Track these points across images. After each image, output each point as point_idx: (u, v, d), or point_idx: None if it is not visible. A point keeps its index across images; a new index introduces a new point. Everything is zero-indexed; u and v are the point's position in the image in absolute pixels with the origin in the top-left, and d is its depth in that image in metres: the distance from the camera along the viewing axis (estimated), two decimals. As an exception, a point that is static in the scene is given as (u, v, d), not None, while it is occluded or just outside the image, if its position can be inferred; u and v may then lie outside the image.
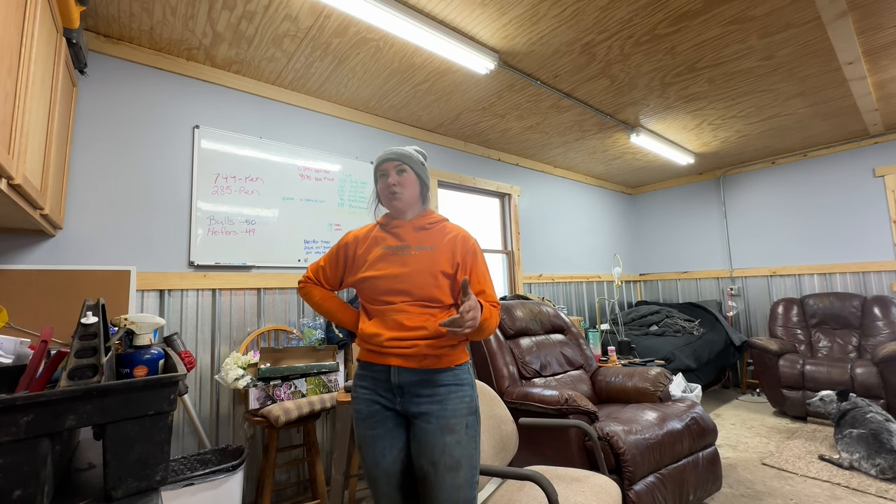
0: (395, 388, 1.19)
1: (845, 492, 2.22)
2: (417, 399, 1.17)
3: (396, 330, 1.20)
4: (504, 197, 3.96)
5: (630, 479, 1.76)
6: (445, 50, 2.10)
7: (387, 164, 1.31)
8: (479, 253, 1.31)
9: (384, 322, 1.22)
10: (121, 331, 1.05)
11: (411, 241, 1.29)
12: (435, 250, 1.26)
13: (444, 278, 1.23)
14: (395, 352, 1.18)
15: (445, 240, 1.28)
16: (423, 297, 1.21)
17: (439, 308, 1.23)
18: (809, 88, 2.82)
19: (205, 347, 2.18)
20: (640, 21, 2.05)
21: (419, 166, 1.33)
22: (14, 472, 0.63)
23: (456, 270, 1.26)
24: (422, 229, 1.31)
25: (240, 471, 1.76)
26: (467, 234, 1.31)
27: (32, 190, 1.25)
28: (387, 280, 1.23)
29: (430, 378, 1.18)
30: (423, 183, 1.36)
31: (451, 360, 1.20)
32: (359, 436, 1.22)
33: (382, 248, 1.29)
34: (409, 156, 1.31)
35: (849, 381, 3.11)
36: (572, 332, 2.84)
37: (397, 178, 1.29)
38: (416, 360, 1.18)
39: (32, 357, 0.89)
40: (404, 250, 1.27)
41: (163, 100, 2.17)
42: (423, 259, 1.24)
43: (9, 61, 1.04)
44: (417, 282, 1.22)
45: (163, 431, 0.76)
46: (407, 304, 1.21)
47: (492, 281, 1.32)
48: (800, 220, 4.19)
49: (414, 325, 1.19)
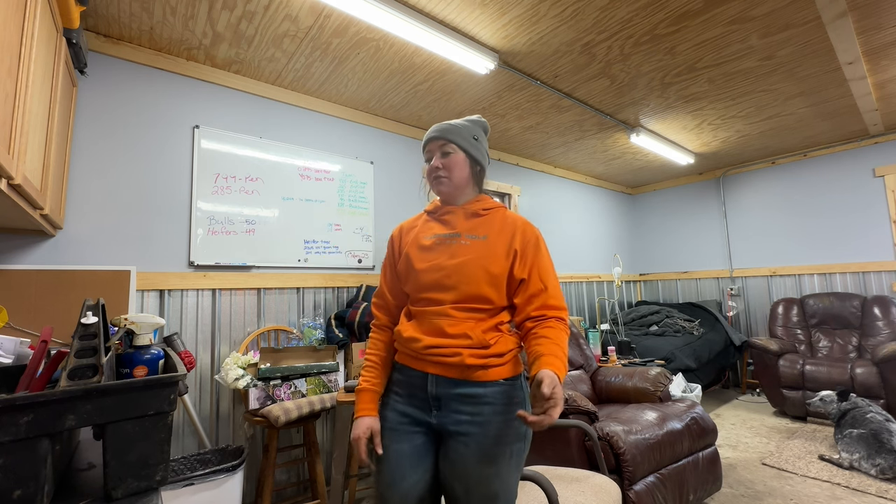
0: (432, 399, 1.03)
1: (845, 492, 2.22)
2: (457, 415, 1.00)
3: (436, 336, 1.03)
4: (504, 197, 3.96)
5: (630, 479, 1.76)
6: (445, 50, 2.10)
7: (431, 145, 1.14)
8: (543, 245, 1.11)
9: (423, 326, 1.06)
10: (121, 331, 1.05)
11: (462, 228, 1.11)
12: (489, 239, 1.07)
13: (499, 272, 1.04)
14: (433, 359, 1.02)
15: (502, 227, 1.10)
16: (472, 296, 1.04)
17: (489, 311, 1.05)
18: (809, 88, 2.82)
19: (205, 347, 2.17)
20: (640, 21, 2.05)
21: (470, 143, 1.13)
22: (14, 472, 0.63)
23: (513, 262, 1.06)
24: (475, 216, 1.13)
25: (240, 471, 1.76)
26: (529, 223, 1.13)
27: (32, 190, 1.25)
28: (431, 273, 1.07)
29: (474, 393, 1.00)
30: (475, 162, 1.15)
31: (500, 373, 1.02)
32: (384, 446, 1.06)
33: (429, 237, 1.13)
34: (455, 131, 1.12)
35: (849, 381, 3.11)
36: (572, 332, 2.84)
37: (441, 160, 1.12)
38: (457, 370, 1.01)
39: (32, 357, 0.89)
40: (454, 239, 1.10)
41: (163, 100, 2.17)
42: (474, 249, 1.06)
43: (9, 61, 1.04)
44: (467, 275, 1.03)
45: (163, 431, 0.76)
46: (452, 305, 1.04)
47: (557, 281, 1.10)
48: (800, 220, 4.19)
49: (457, 333, 1.02)
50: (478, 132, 1.16)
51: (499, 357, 1.02)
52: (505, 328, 1.06)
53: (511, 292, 1.07)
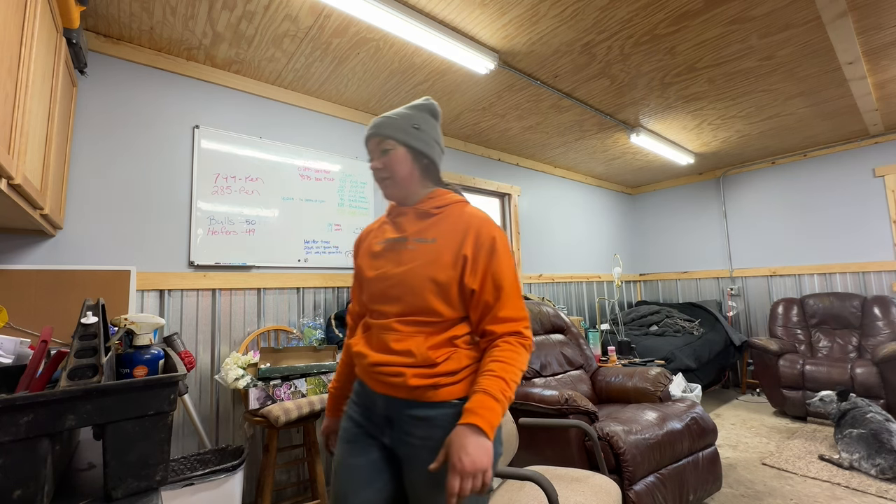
0: (384, 420, 0.95)
1: (845, 492, 2.22)
2: (408, 438, 0.91)
3: (382, 353, 0.94)
4: (504, 197, 3.96)
5: (630, 479, 1.76)
6: (445, 50, 2.10)
7: (369, 144, 1.02)
8: (502, 247, 0.94)
9: (371, 341, 0.98)
10: (121, 331, 1.05)
11: (411, 231, 1.00)
12: (438, 243, 0.95)
13: (446, 281, 0.92)
14: (379, 378, 0.94)
15: (454, 229, 0.96)
16: (418, 308, 0.92)
17: (439, 324, 0.93)
18: (809, 88, 2.82)
19: (205, 347, 2.17)
20: (640, 21, 2.05)
21: (410, 134, 0.99)
22: (14, 472, 0.63)
23: (463, 270, 0.93)
24: (426, 216, 1.00)
25: (240, 471, 1.76)
26: (486, 221, 0.96)
27: (32, 190, 1.25)
28: (378, 283, 0.98)
29: (425, 416, 0.90)
30: (419, 155, 1.00)
31: (453, 393, 0.91)
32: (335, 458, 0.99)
33: (380, 241, 1.04)
34: (391, 124, 0.99)
35: (849, 381, 3.11)
36: (572, 332, 2.84)
37: (381, 159, 1.00)
38: (405, 391, 0.91)
39: (32, 357, 0.89)
40: (401, 244, 0.99)
41: (163, 100, 2.17)
42: (420, 255, 0.95)
43: (9, 61, 1.04)
44: (411, 285, 0.92)
45: (163, 431, 0.76)
46: (397, 319, 0.94)
47: (517, 288, 0.94)
48: (800, 221, 4.19)
49: (401, 349, 0.91)
50: (420, 119, 1.01)
51: (450, 375, 0.91)
52: (461, 342, 0.94)
53: (466, 303, 0.95)
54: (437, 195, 1.02)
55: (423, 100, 1.06)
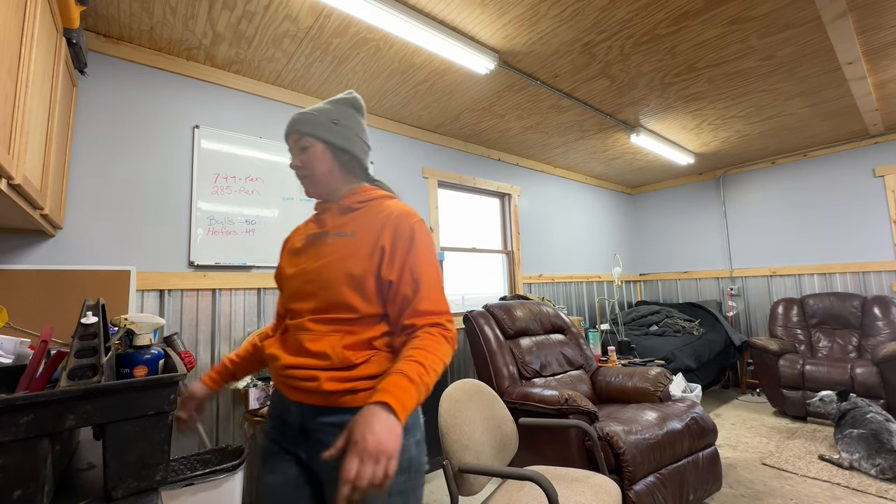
0: (299, 431, 0.89)
1: (845, 492, 2.22)
2: (325, 449, 0.85)
3: (296, 354, 0.89)
4: (504, 197, 3.96)
5: (630, 479, 1.76)
6: (445, 50, 2.10)
7: (288, 141, 0.99)
8: (422, 238, 0.91)
9: (286, 342, 0.92)
10: (121, 331, 1.05)
11: (331, 226, 0.97)
12: (357, 236, 0.92)
13: (361, 273, 0.88)
14: (292, 383, 0.87)
15: (373, 221, 0.93)
16: (333, 303, 0.88)
17: (356, 322, 0.88)
18: (809, 88, 2.82)
19: (205, 347, 2.17)
20: (640, 21, 2.05)
21: (329, 129, 0.96)
22: (14, 472, 0.63)
23: (380, 262, 0.89)
24: (348, 210, 0.98)
25: (240, 471, 1.76)
26: (406, 213, 0.93)
27: (32, 190, 1.25)
28: (296, 280, 0.94)
29: (342, 422, 0.84)
30: (339, 150, 0.98)
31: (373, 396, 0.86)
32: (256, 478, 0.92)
33: (302, 238, 1.01)
34: (308, 120, 0.96)
35: (849, 381, 3.11)
36: (572, 332, 2.84)
37: (299, 157, 0.97)
38: (319, 397, 0.85)
39: (32, 357, 0.89)
40: (321, 239, 0.96)
41: (163, 100, 2.17)
42: (338, 249, 0.91)
43: (9, 61, 1.04)
44: (326, 279, 0.89)
45: (163, 431, 0.76)
46: (311, 317, 0.89)
47: (438, 281, 0.91)
48: (800, 220, 4.19)
49: (316, 350, 0.86)
50: (340, 114, 0.99)
51: (369, 380, 0.85)
52: (381, 344, 0.89)
53: (384, 295, 0.91)
54: (360, 191, 0.99)
55: (346, 94, 1.03)
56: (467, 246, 3.59)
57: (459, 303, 3.49)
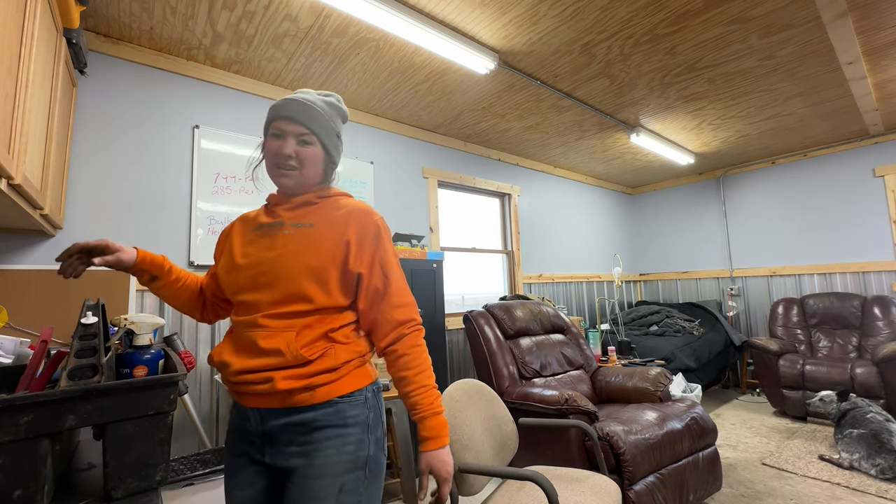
0: (262, 437, 0.86)
1: (845, 492, 2.22)
2: (288, 448, 0.83)
3: (247, 356, 0.84)
4: (504, 197, 3.96)
5: (630, 479, 1.76)
6: (445, 50, 2.10)
7: (286, 124, 0.92)
8: (385, 237, 0.93)
9: (236, 343, 0.87)
10: (121, 331, 1.05)
11: (288, 217, 0.94)
12: (316, 227, 0.90)
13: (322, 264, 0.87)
14: (248, 389, 0.83)
15: (334, 215, 0.92)
16: (290, 294, 0.85)
17: (311, 314, 0.86)
18: (809, 88, 2.82)
19: (205, 347, 2.17)
20: (640, 21, 2.05)
21: (332, 140, 0.96)
22: (14, 472, 0.63)
23: (347, 254, 0.89)
24: (307, 204, 0.95)
25: (240, 471, 1.76)
26: (368, 210, 0.94)
27: (32, 190, 1.25)
28: (247, 270, 0.89)
29: (303, 420, 0.82)
30: (331, 161, 0.97)
31: (332, 391, 0.84)
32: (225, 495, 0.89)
33: (253, 228, 0.96)
34: (320, 121, 0.93)
35: (849, 381, 3.11)
36: (572, 332, 2.84)
37: (296, 148, 0.92)
38: (278, 398, 0.82)
39: (32, 357, 0.89)
40: (275, 229, 0.92)
41: (163, 100, 2.17)
42: (296, 239, 0.89)
43: (9, 61, 1.04)
44: (284, 269, 0.86)
45: (163, 431, 0.76)
46: (266, 313, 0.85)
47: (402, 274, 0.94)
48: (800, 220, 4.19)
49: (270, 348, 0.82)
50: (339, 127, 0.99)
51: (329, 373, 0.84)
52: (339, 335, 0.88)
53: (349, 290, 0.91)
54: (320, 188, 0.99)
55: (337, 99, 1.00)
56: (467, 246, 3.59)
57: (459, 303, 3.49)
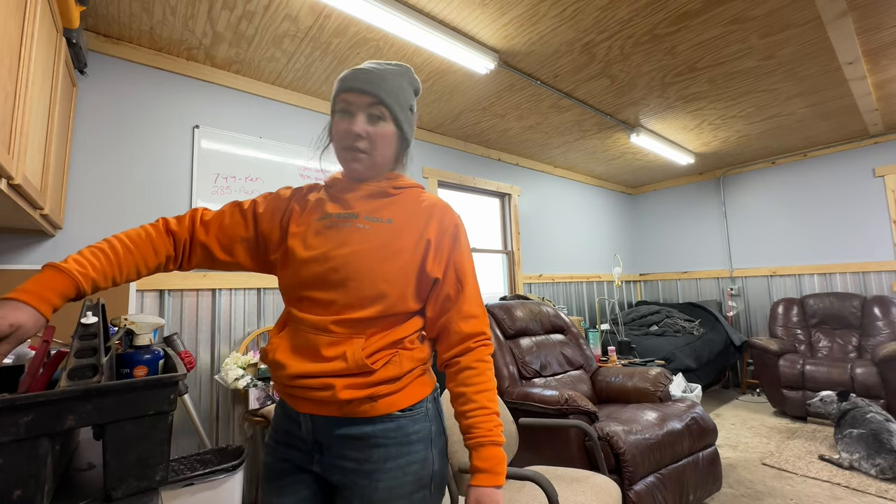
0: (312, 445, 0.80)
1: (845, 492, 2.22)
2: (341, 462, 0.77)
3: (308, 360, 0.77)
4: (504, 197, 3.96)
5: (630, 479, 1.76)
6: (445, 50, 2.10)
7: (355, 97, 0.81)
8: (464, 237, 0.86)
9: (294, 343, 0.80)
10: (121, 331, 1.05)
11: (362, 209, 0.84)
12: (395, 224, 0.82)
13: (402, 267, 0.79)
14: (303, 394, 0.78)
15: (415, 210, 0.84)
16: (364, 297, 0.77)
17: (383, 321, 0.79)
18: (809, 88, 2.82)
19: (205, 347, 2.17)
20: (641, 21, 2.05)
21: (405, 113, 0.85)
22: (14, 472, 0.63)
23: (425, 255, 0.81)
24: (383, 195, 0.86)
25: (240, 471, 1.76)
26: (448, 207, 0.86)
27: (32, 190, 1.25)
28: (314, 265, 0.80)
29: (360, 434, 0.76)
30: (404, 140, 0.87)
31: (394, 403, 0.78)
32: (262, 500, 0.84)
33: (319, 217, 0.85)
34: (392, 91, 0.82)
35: (849, 381, 3.11)
36: (572, 332, 2.84)
37: (366, 126, 0.81)
38: (335, 407, 0.77)
39: (34, 357, 0.89)
40: (347, 221, 0.82)
41: (163, 100, 2.17)
42: (374, 236, 0.80)
43: (9, 61, 1.04)
44: (356, 269, 0.77)
45: (163, 431, 0.76)
46: (338, 317, 0.77)
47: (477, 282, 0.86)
48: (800, 220, 4.19)
49: (333, 355, 0.76)
50: (412, 100, 0.87)
51: (391, 383, 0.77)
52: (407, 342, 0.81)
53: (423, 295, 0.83)
54: (397, 176, 0.88)
55: (410, 70, 0.89)
56: (467, 246, 3.58)
57: (459, 303, 3.48)
